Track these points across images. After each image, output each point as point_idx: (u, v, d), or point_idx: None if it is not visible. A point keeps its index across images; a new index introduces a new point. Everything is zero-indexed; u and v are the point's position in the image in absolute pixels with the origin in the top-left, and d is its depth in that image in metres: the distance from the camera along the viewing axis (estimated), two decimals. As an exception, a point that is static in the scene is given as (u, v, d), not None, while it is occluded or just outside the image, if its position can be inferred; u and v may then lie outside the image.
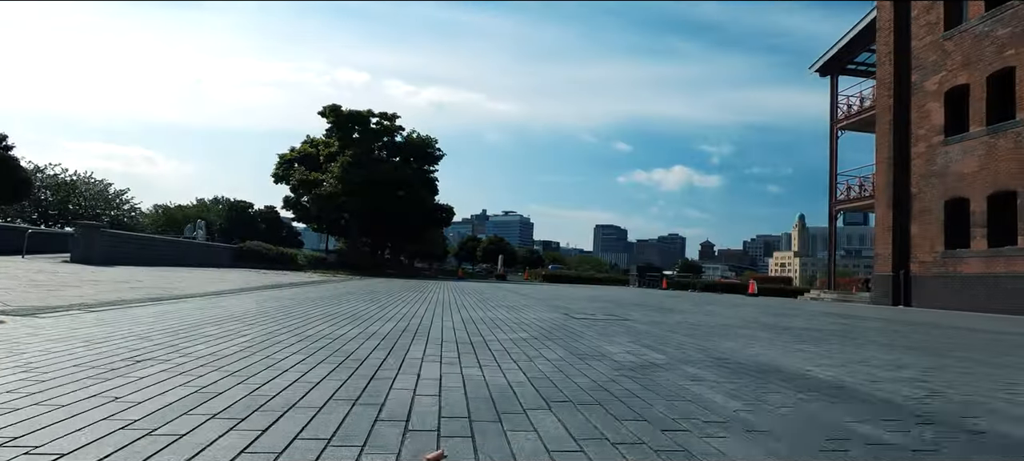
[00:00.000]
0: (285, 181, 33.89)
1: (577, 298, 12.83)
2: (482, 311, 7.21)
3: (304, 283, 13.68)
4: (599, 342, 4.42)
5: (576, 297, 13.38)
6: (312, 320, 5.09)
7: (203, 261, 24.33)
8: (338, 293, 10.22)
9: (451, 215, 43.04)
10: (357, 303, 7.75)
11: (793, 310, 12.05)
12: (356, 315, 5.85)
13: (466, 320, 5.80)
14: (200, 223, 40.93)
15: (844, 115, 22.85)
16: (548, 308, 8.48)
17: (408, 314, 6.29)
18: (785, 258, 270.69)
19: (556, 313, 7.48)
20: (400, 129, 35.84)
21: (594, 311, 8.40)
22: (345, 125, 34.07)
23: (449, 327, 5.03)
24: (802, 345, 4.97)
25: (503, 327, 5.26)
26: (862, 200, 21.70)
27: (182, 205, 66.70)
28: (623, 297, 14.96)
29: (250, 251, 27.89)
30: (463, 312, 6.93)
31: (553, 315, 7.06)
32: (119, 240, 19.11)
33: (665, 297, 16.53)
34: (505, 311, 7.38)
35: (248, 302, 6.79)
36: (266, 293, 9.01)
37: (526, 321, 6.03)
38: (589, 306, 9.62)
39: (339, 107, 33.78)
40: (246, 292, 8.92)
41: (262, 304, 6.60)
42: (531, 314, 7.09)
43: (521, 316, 6.69)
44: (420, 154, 36.00)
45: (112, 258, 17.34)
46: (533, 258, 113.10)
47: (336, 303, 7.51)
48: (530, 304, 9.37)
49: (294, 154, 35.70)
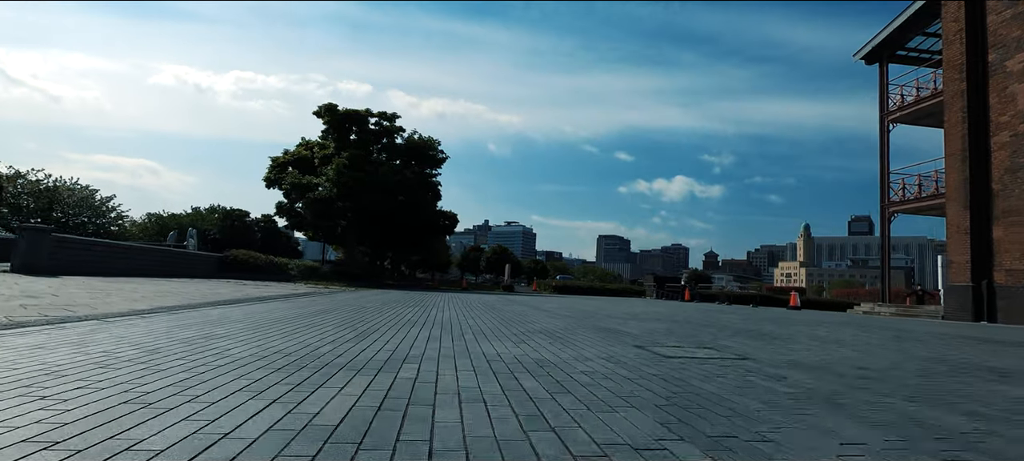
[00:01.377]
0: (277, 185, 31.54)
1: (617, 316, 10.37)
2: (512, 344, 4.75)
3: (284, 296, 11.25)
4: (811, 434, 1.98)
5: (614, 314, 10.92)
6: (223, 368, 2.66)
7: (184, 271, 21.98)
8: (315, 311, 7.79)
9: (454, 222, 40.62)
10: (329, 328, 5.32)
11: (909, 332, 9.56)
12: (311, 355, 3.42)
13: (497, 369, 3.34)
14: (192, 232, 38.72)
15: (896, 106, 20.37)
16: (601, 335, 6.01)
17: (397, 352, 3.85)
18: (791, 268, 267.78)
19: (623, 345, 5.02)
20: (400, 130, 33.53)
21: (666, 336, 5.95)
22: (342, 125, 31.77)
23: (472, 392, 2.59)
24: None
25: (580, 393, 2.79)
26: (924, 201, 19.17)
27: (176, 214, 64.59)
28: (669, 314, 12.49)
29: (237, 260, 25.52)
30: (484, 344, 4.49)
31: (624, 351, 4.60)
32: (77, 247, 16.72)
33: (719, 313, 14.06)
34: (547, 343, 4.91)
35: (162, 327, 4.37)
36: (215, 312, 6.58)
37: (601, 371, 3.56)
38: (649, 329, 7.14)
39: (335, 106, 31.51)
40: (187, 310, 6.50)
41: (181, 332, 4.18)
42: (590, 348, 4.64)
43: (582, 354, 4.23)
44: (422, 156, 33.65)
45: (64, 267, 14.95)
46: (537, 268, 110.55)
47: (299, 329, 5.08)
48: (569, 327, 6.90)
49: (288, 157, 33.37)
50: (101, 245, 19.56)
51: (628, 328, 7.09)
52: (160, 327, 4.59)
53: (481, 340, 4.86)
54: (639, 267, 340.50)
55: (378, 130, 32.80)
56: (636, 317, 10.07)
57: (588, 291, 35.08)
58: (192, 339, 3.92)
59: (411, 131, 33.76)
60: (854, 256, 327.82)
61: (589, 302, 18.63)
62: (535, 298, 20.57)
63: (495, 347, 4.33)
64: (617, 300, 23.83)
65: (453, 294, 20.50)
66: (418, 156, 33.88)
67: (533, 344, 4.71)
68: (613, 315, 10.40)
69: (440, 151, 34.11)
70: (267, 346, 3.80)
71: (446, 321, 7.01)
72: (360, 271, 29.68)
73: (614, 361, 3.86)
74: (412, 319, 7.00)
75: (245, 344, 3.84)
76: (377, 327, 5.68)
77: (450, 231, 42.28)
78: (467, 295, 20.10)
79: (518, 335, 5.49)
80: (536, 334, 5.70)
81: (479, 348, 4.24)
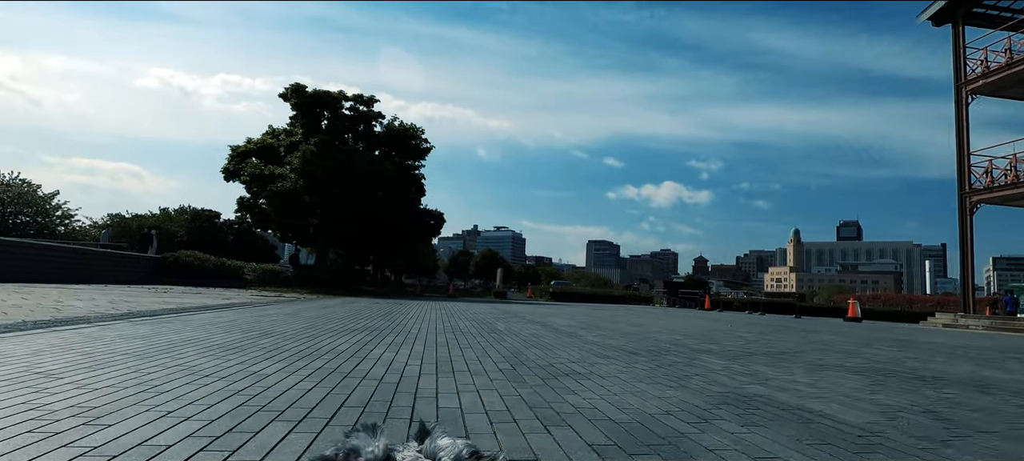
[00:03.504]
0: (237, 177, 27.52)
1: (655, 336, 6.72)
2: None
3: (175, 311, 7.44)
4: None
5: (651, 333, 7.27)
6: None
7: (106, 275, 18.00)
8: (215, 342, 4.01)
9: (441, 222, 36.79)
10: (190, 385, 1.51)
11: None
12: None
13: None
14: (152, 234, 34.64)
15: (978, 74, 16.99)
16: (671, 380, 2.27)
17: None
18: (781, 273, 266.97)
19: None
20: (379, 117, 29.68)
21: (793, 380, 2.27)
22: (311, 110, 27.86)
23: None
24: None
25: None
26: (1020, 187, 15.66)
27: (140, 215, 60.05)
28: (714, 331, 8.87)
29: (179, 262, 21.53)
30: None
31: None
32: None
33: (779, 330, 10.46)
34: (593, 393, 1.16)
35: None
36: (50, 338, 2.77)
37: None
38: (731, 364, 3.45)
39: (303, 87, 27.61)
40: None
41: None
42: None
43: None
44: (403, 146, 29.81)
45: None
46: (528, 273, 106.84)
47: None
48: (615, 357, 3.17)
49: (251, 146, 29.34)
50: (12, 246, 15.69)
51: (706, 368, 3.39)
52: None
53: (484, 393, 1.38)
54: (628, 273, 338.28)
55: (353, 116, 28.93)
56: (698, 338, 6.41)
57: (590, 298, 31.45)
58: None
59: (391, 117, 29.90)
60: (843, 261, 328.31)
61: (601, 313, 14.98)
62: (535, 308, 16.87)
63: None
64: (628, 309, 20.22)
65: (437, 303, 16.73)
66: (399, 146, 30.05)
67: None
68: (650, 335, 6.73)
69: (424, 140, 30.28)
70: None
71: (401, 367, 3.27)
72: (331, 276, 25.75)
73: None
74: (360, 351, 3.28)
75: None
76: (285, 374, 1.90)
77: (436, 232, 38.43)
78: (454, 304, 16.33)
79: (544, 383, 1.78)
80: (561, 377, 1.98)
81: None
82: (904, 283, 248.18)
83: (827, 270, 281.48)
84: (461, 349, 4.87)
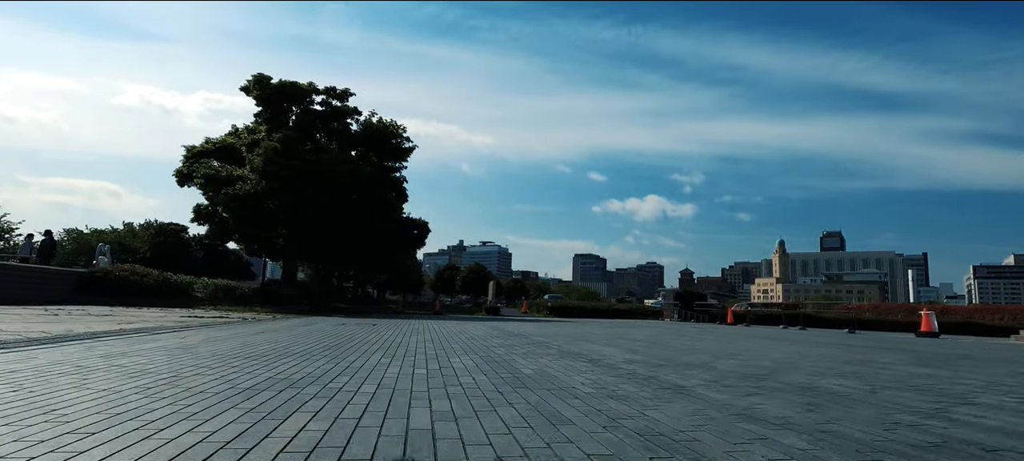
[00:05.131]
0: (191, 181, 24.02)
1: (783, 374, 3.52)
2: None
3: (71, 340, 4.15)
4: None
5: (771, 369, 4.11)
6: None
7: (25, 293, 14.46)
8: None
9: (425, 232, 33.51)
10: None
11: None
12: None
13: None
14: (103, 247, 30.94)
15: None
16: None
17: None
18: (767, 284, 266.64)
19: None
20: (356, 113, 26.42)
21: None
22: (277, 103, 24.53)
23: None
24: None
25: None
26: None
27: (101, 230, 55.72)
28: (838, 361, 5.80)
29: (114, 278, 17.96)
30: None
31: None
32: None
33: (867, 353, 7.42)
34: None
35: None
36: None
37: None
38: None
39: (268, 78, 24.26)
40: None
41: None
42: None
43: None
44: (382, 145, 26.56)
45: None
46: (517, 287, 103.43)
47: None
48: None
49: (210, 145, 25.88)
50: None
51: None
52: None
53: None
54: (615, 286, 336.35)
55: (326, 111, 25.64)
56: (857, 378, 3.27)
57: (591, 313, 28.31)
58: None
59: (368, 112, 26.65)
60: (827, 271, 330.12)
61: (626, 332, 11.83)
62: (541, 327, 13.68)
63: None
64: (649, 327, 17.12)
65: (421, 323, 13.42)
66: (378, 145, 26.80)
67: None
68: (763, 378, 3.59)
69: (405, 138, 27.06)
70: None
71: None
72: (298, 292, 22.29)
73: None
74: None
75: None
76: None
77: (420, 243, 35.09)
78: (442, 325, 13.03)
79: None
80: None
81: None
82: (888, 293, 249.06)
83: (813, 280, 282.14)
84: (471, 388, 1.71)
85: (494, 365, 4.76)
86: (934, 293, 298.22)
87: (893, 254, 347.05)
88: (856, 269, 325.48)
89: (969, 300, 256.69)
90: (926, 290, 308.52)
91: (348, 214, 23.89)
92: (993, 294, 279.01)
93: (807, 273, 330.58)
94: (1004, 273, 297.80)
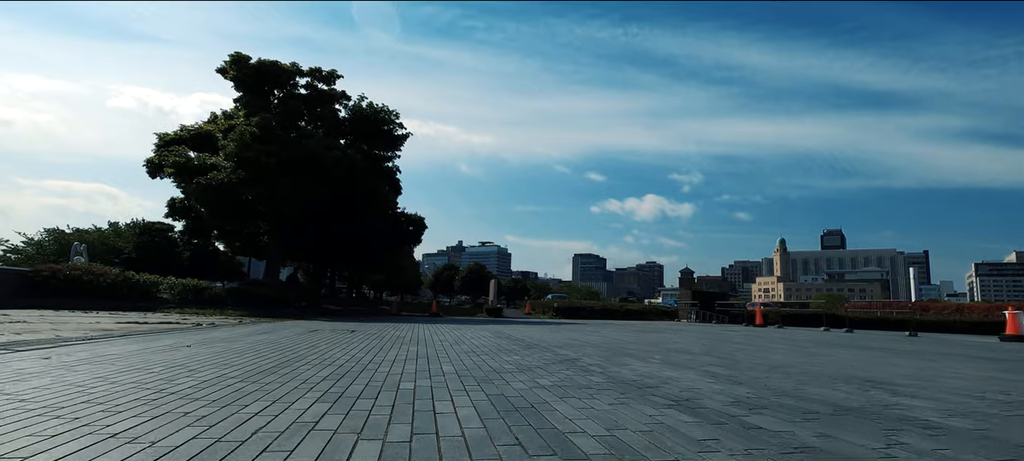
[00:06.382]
0: (161, 172, 21.78)
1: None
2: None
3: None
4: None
5: (967, 408, 1.92)
6: None
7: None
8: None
9: (421, 228, 31.32)
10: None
11: None
12: None
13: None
14: (79, 247, 28.79)
15: None
16: None
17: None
18: (768, 283, 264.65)
19: None
20: (344, 98, 24.18)
21: None
22: (256, 86, 22.29)
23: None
24: None
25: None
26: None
27: (83, 230, 53.40)
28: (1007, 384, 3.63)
29: (63, 278, 15.74)
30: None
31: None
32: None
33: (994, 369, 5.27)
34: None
35: None
36: None
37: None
38: None
39: (246, 58, 22.01)
40: None
41: None
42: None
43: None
44: (374, 133, 24.32)
45: None
46: (517, 287, 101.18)
47: None
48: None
49: (185, 132, 23.64)
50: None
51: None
52: None
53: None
54: (615, 286, 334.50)
55: (311, 95, 23.41)
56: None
57: (600, 313, 26.13)
58: None
59: (358, 96, 24.40)
60: (829, 270, 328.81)
61: (664, 339, 9.66)
62: (553, 332, 11.51)
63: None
64: (675, 331, 14.97)
65: (415, 327, 11.21)
66: (369, 133, 24.58)
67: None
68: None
69: (399, 124, 24.82)
70: None
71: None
72: (280, 294, 20.07)
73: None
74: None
75: None
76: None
77: (416, 240, 32.88)
78: (436, 329, 10.82)
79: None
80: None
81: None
82: (890, 291, 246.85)
83: (814, 279, 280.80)
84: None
85: (518, 421, 2.57)
86: (936, 291, 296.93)
87: (894, 252, 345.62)
88: (857, 267, 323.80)
89: (970, 298, 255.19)
90: (928, 288, 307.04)
91: (336, 207, 21.69)
92: (995, 292, 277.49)
93: (808, 271, 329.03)
94: (1006, 270, 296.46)
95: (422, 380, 3.78)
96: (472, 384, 3.66)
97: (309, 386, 3.36)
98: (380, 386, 3.46)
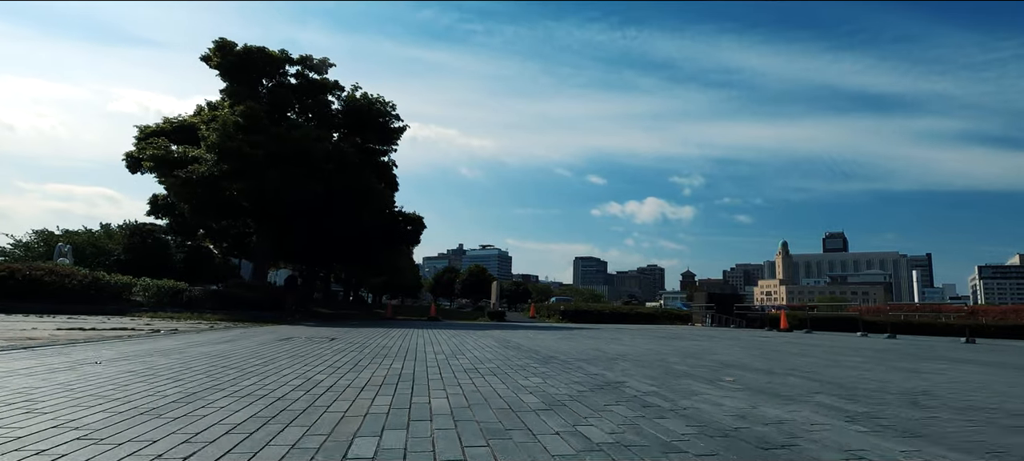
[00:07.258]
0: (141, 166, 20.32)
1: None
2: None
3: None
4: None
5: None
6: None
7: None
8: None
9: (420, 228, 29.83)
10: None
11: None
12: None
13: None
14: (63, 248, 27.40)
15: None
16: None
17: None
18: (770, 286, 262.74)
19: None
20: (337, 88, 22.73)
21: None
22: (243, 75, 20.84)
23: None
24: None
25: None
26: None
27: (73, 230, 51.89)
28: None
29: (22, 278, 14.26)
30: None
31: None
32: None
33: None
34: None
35: None
36: None
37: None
38: None
39: (231, 44, 20.58)
40: None
41: None
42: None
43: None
44: (368, 125, 22.85)
45: None
46: (519, 290, 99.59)
47: None
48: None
49: (168, 125, 22.17)
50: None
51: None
52: None
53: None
54: (616, 288, 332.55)
55: (301, 85, 21.96)
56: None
57: (610, 318, 24.64)
58: None
59: (351, 87, 22.93)
60: (831, 272, 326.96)
61: (723, 352, 8.17)
62: (569, 339, 10.04)
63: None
64: (694, 335, 13.48)
65: (407, 335, 9.71)
66: (363, 126, 23.11)
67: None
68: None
69: (395, 116, 23.33)
70: None
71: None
72: (264, 297, 18.58)
73: None
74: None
75: None
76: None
77: (414, 240, 31.37)
78: (434, 336, 9.32)
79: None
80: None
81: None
82: (893, 294, 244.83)
83: (816, 282, 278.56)
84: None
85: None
86: (939, 295, 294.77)
87: (897, 255, 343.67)
88: (859, 270, 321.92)
89: (974, 301, 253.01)
90: (931, 291, 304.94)
91: (328, 203, 20.22)
92: (999, 295, 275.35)
93: (810, 274, 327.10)
94: (1010, 273, 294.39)
95: (393, 433, 2.30)
96: (477, 444, 2.18)
97: (196, 445, 1.89)
98: (315, 451, 1.98)
